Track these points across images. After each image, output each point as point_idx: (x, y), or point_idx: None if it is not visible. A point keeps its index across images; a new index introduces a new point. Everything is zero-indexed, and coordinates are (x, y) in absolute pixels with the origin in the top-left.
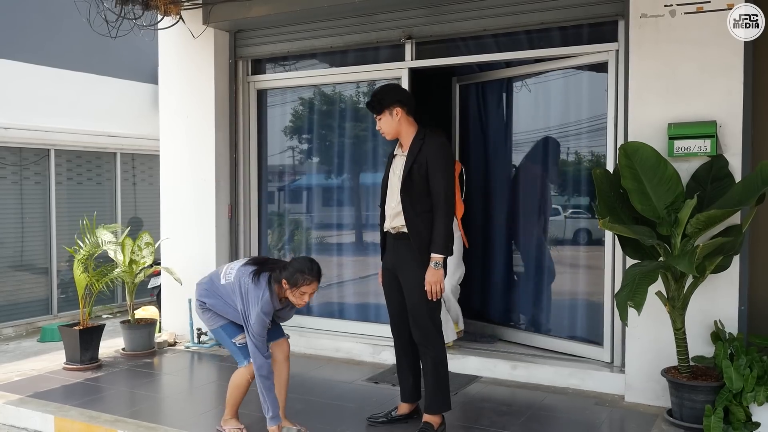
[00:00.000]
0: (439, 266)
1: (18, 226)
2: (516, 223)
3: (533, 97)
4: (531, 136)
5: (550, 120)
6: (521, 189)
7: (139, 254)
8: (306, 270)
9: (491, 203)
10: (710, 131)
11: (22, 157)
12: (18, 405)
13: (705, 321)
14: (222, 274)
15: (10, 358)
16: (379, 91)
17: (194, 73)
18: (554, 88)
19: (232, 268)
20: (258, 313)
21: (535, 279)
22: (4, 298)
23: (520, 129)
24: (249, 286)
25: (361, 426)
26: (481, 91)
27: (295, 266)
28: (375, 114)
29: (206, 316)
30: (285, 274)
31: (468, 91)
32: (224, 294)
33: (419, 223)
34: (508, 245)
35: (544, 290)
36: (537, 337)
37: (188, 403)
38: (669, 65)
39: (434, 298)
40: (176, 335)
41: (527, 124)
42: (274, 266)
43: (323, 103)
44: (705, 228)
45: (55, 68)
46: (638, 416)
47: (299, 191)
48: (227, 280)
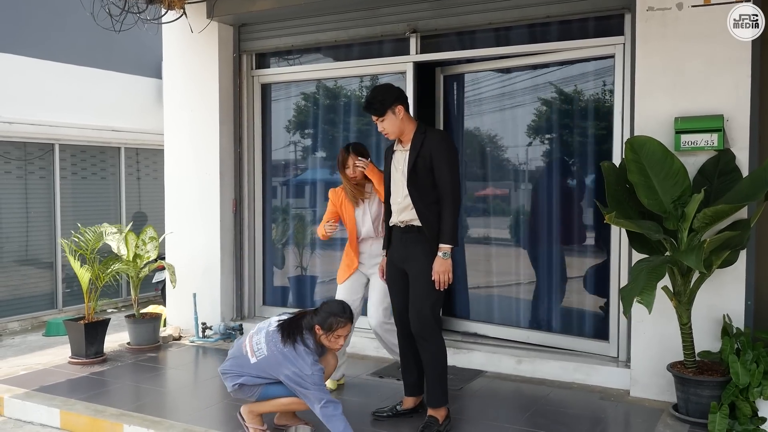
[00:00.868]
0: (448, 256)
1: (23, 220)
2: (524, 221)
3: (532, 90)
4: (529, 131)
5: (544, 115)
6: (526, 184)
7: (144, 249)
8: (339, 313)
9: (491, 198)
10: (717, 125)
11: (27, 151)
12: (24, 399)
13: (711, 316)
14: (248, 353)
15: (15, 352)
16: (377, 93)
17: (198, 68)
18: (556, 81)
19: (258, 343)
20: (314, 373)
21: (535, 276)
22: (9, 293)
23: (513, 123)
24: (293, 352)
25: (366, 420)
26: (465, 83)
27: (326, 310)
28: (378, 116)
29: (247, 392)
30: (317, 319)
31: (453, 82)
32: (259, 371)
33: (430, 216)
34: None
35: (551, 287)
36: (541, 335)
37: (193, 397)
38: (676, 59)
39: (442, 288)
40: (181, 330)
41: (521, 118)
42: (299, 321)
43: (327, 98)
44: (712, 223)
45: (59, 63)
46: (644, 411)
47: (304, 186)
48: (259, 357)
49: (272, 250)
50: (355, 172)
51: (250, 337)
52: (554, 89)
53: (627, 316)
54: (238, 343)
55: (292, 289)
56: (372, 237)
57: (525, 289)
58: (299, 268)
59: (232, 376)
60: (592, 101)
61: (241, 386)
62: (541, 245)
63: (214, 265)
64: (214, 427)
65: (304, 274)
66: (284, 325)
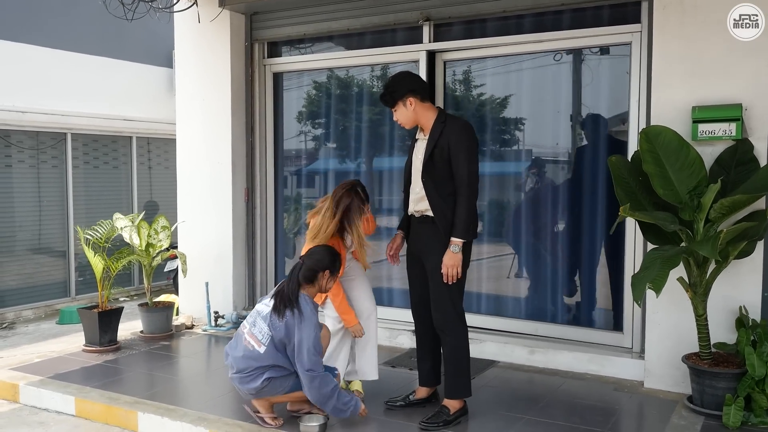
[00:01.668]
0: (458, 250)
1: (36, 209)
2: (534, 212)
3: (543, 78)
4: (540, 120)
5: (557, 104)
6: (534, 174)
7: (156, 238)
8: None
9: (503, 189)
10: (736, 114)
11: (39, 140)
12: (39, 386)
13: (727, 307)
14: (254, 346)
15: (29, 340)
16: (390, 83)
17: (210, 57)
18: (571, 69)
19: (261, 331)
20: (316, 335)
21: (548, 267)
22: (23, 281)
23: (520, 112)
24: (293, 318)
25: (379, 409)
26: (465, 69)
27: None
28: (389, 107)
29: (276, 388)
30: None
31: (453, 68)
32: (271, 357)
33: (445, 208)
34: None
35: (564, 279)
36: (554, 327)
37: (206, 385)
38: (693, 47)
39: (450, 282)
40: (194, 318)
41: (529, 107)
42: (284, 292)
43: (340, 87)
44: (729, 213)
45: (72, 52)
46: (658, 402)
47: (315, 175)
48: (266, 342)
49: (284, 239)
50: (369, 227)
51: (249, 334)
52: (569, 78)
53: (638, 303)
54: (235, 353)
55: None
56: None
57: (537, 281)
58: None
59: (254, 375)
60: (607, 90)
61: (270, 381)
62: (552, 236)
63: (226, 253)
64: (227, 416)
65: None
66: (275, 304)
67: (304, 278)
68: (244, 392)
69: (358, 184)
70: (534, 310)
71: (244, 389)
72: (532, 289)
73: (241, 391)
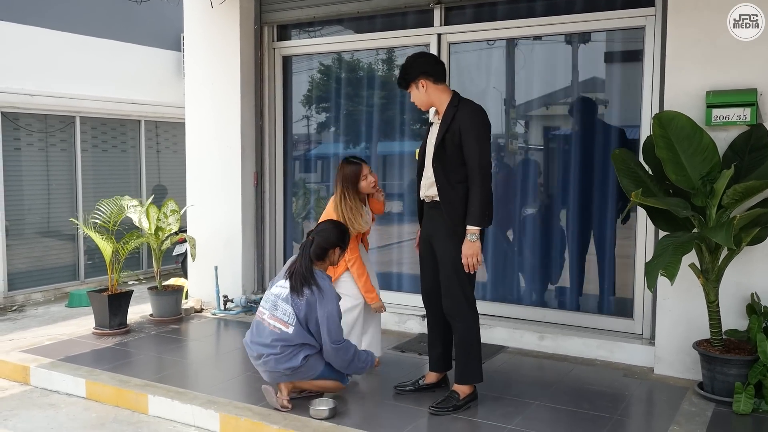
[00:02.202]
0: (476, 238)
1: (44, 192)
2: (546, 198)
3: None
4: (551, 104)
5: (568, 88)
6: (547, 161)
7: (165, 221)
8: (333, 235)
9: (513, 174)
10: (750, 99)
11: (48, 123)
12: (50, 369)
13: (739, 294)
14: (281, 327)
15: (39, 323)
16: (404, 64)
17: (219, 40)
18: (583, 52)
19: (285, 312)
20: (338, 307)
21: (559, 254)
22: (32, 264)
23: (530, 95)
24: (314, 295)
25: (388, 394)
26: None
27: (322, 236)
28: (404, 89)
29: (307, 372)
30: (319, 246)
31: (456, 50)
32: (300, 335)
33: (453, 194)
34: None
35: (576, 265)
36: (564, 314)
37: (216, 369)
38: (709, 30)
39: (471, 271)
40: (203, 302)
41: (541, 90)
42: (299, 271)
43: (349, 71)
44: (742, 199)
45: (80, 35)
46: (668, 389)
47: (324, 159)
48: (293, 323)
49: (293, 223)
50: (374, 182)
51: (271, 317)
52: (581, 61)
53: (651, 290)
54: (261, 340)
55: None
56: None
57: (549, 267)
58: None
59: (292, 354)
60: (619, 74)
61: (308, 359)
62: (563, 222)
63: (235, 238)
64: (237, 399)
65: None
66: (292, 284)
67: (315, 255)
68: (278, 373)
69: (348, 157)
70: (543, 296)
71: (280, 368)
72: (542, 276)
73: (274, 373)
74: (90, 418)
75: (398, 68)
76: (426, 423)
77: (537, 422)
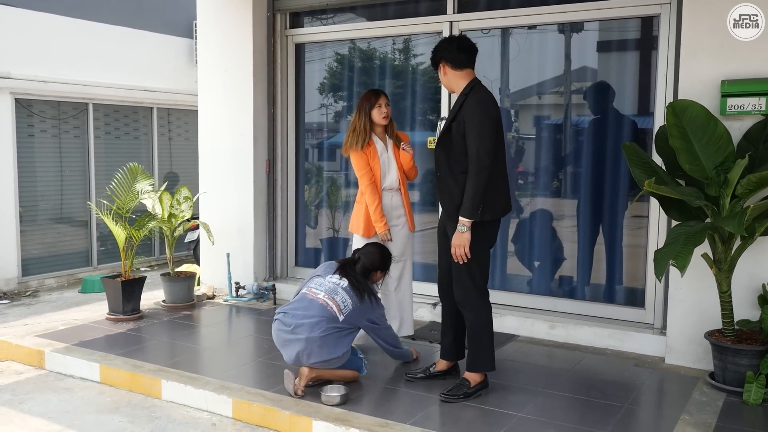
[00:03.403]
0: (465, 230)
1: (57, 179)
2: (558, 187)
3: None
4: (563, 92)
5: (581, 77)
6: (560, 150)
7: (178, 208)
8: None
9: (523, 162)
10: (766, 89)
11: (61, 110)
12: (64, 353)
13: (751, 284)
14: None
15: (53, 308)
16: (435, 46)
17: (232, 27)
18: (596, 40)
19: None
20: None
21: (571, 244)
22: (45, 250)
23: (542, 82)
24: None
25: (399, 381)
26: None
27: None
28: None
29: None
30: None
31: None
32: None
33: (452, 184)
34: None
35: (588, 255)
36: (576, 303)
37: (228, 354)
38: (724, 19)
39: (459, 261)
40: (215, 289)
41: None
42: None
43: (362, 59)
44: (756, 189)
45: (93, 22)
46: (679, 378)
47: (336, 147)
48: (345, 314)
49: (305, 211)
50: (387, 113)
51: (328, 298)
52: (594, 49)
53: (659, 278)
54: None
55: (324, 251)
56: (393, 189)
57: (560, 256)
58: (331, 229)
59: (334, 337)
60: (633, 62)
61: (346, 353)
62: (575, 212)
63: (247, 225)
64: (249, 384)
65: (336, 236)
66: (354, 284)
67: (362, 275)
68: (311, 354)
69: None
70: (554, 285)
71: (324, 354)
72: (553, 265)
73: (304, 351)
74: (104, 402)
75: (412, 56)
76: (437, 410)
77: (548, 410)
